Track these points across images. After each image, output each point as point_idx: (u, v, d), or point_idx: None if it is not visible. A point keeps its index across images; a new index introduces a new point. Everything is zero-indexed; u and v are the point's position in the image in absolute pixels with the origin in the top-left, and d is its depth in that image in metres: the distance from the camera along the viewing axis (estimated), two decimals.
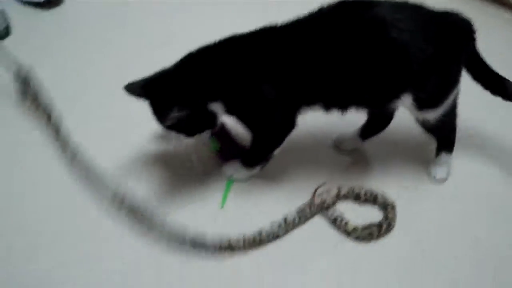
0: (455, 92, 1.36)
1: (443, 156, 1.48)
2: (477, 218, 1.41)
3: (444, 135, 1.47)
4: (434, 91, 1.32)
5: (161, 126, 1.30)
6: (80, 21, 1.88)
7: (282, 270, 1.27)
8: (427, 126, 1.40)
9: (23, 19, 1.82)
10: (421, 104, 1.32)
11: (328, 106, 1.33)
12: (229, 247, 1.28)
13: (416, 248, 1.33)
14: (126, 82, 1.27)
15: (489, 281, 1.28)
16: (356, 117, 1.42)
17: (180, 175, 1.45)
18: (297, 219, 1.33)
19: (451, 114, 1.41)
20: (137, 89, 1.29)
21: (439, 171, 1.48)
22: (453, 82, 1.35)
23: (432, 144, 1.50)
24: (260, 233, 1.30)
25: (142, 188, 1.38)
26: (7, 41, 1.73)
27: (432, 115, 1.36)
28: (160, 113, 1.29)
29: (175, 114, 1.24)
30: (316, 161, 1.48)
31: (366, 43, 1.24)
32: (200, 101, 1.28)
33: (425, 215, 1.41)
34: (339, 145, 1.53)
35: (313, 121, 1.42)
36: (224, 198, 1.40)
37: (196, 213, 1.36)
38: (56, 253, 1.25)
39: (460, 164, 1.53)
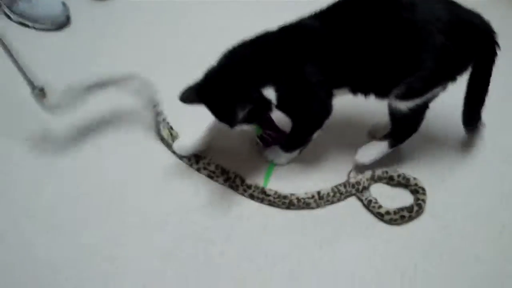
0: (440, 88, 1.38)
1: (384, 144, 1.49)
2: (503, 206, 1.49)
3: (402, 128, 1.48)
4: (427, 81, 1.34)
5: (228, 126, 1.32)
6: (134, 11, 1.95)
7: (314, 248, 1.37)
8: (395, 113, 1.41)
9: (81, 10, 1.90)
10: (408, 92, 1.35)
11: (354, 89, 1.38)
12: (262, 192, 1.42)
13: (443, 232, 1.42)
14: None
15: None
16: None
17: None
18: (331, 194, 1.43)
19: (422, 109, 1.42)
20: (193, 96, 1.30)
21: (367, 156, 1.49)
22: (447, 78, 1.37)
23: (460, 136, 1.58)
24: (292, 194, 1.41)
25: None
26: (67, 30, 1.83)
27: (408, 105, 1.38)
28: (223, 115, 1.31)
29: (239, 114, 1.26)
30: (352, 147, 1.53)
31: (384, 25, 1.28)
32: (256, 92, 1.29)
33: (452, 201, 1.48)
34: (374, 133, 1.58)
35: (350, 109, 1.50)
36: (266, 180, 1.48)
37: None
38: None
39: (488, 158, 1.59)
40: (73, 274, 1.28)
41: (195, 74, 1.30)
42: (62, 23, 1.82)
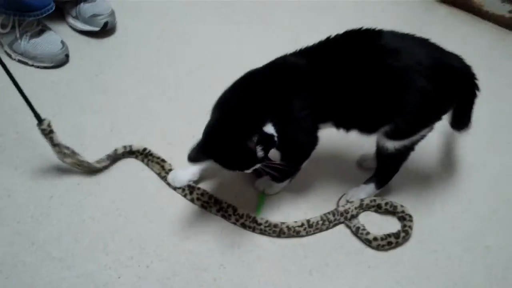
0: (426, 130, 1.44)
1: (370, 186, 1.56)
2: (488, 230, 1.55)
3: (387, 167, 1.54)
4: (412, 124, 1.39)
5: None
6: (131, 49, 2.00)
7: (305, 275, 1.41)
8: (381, 151, 1.47)
9: (80, 48, 1.95)
10: (395, 133, 1.39)
11: (337, 124, 1.43)
12: (253, 221, 1.47)
13: (430, 256, 1.48)
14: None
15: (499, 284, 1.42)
16: None
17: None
18: (320, 222, 1.48)
19: (407, 151, 1.48)
20: (200, 155, 1.32)
21: (356, 195, 1.55)
22: (431, 121, 1.43)
23: (448, 162, 1.64)
24: (282, 223, 1.46)
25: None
26: (66, 67, 1.89)
27: (395, 145, 1.43)
28: (235, 166, 1.31)
29: (258, 152, 1.28)
30: (341, 176, 1.61)
31: (367, 69, 1.32)
32: (259, 129, 1.29)
33: (439, 227, 1.54)
34: (362, 163, 1.65)
35: (338, 140, 1.54)
36: (258, 209, 1.53)
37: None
38: None
39: (474, 183, 1.66)
40: None
41: (195, 108, 1.32)
42: (61, 61, 1.87)
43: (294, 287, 1.39)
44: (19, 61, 1.86)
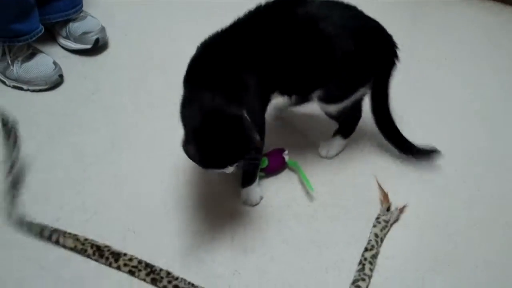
0: (360, 92, 1.49)
1: (338, 138, 1.63)
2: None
3: (345, 123, 1.61)
4: (342, 88, 1.44)
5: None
6: (125, 62, 1.99)
7: (321, 272, 1.39)
8: (329, 115, 1.55)
9: (73, 67, 1.93)
10: (328, 98, 1.46)
11: (282, 92, 1.45)
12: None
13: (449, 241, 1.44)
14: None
15: None
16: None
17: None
18: None
19: (355, 108, 1.54)
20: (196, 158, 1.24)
21: (329, 150, 1.63)
22: (360, 83, 1.47)
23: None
24: None
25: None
26: (61, 88, 1.87)
27: (335, 108, 1.49)
28: (238, 158, 1.25)
29: (255, 136, 1.22)
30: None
31: (299, 36, 1.34)
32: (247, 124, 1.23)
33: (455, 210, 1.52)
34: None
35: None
36: (307, 181, 1.53)
37: None
38: None
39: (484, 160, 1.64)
40: None
41: None
42: (55, 81, 1.85)
43: (311, 286, 1.35)
44: (14, 86, 1.85)
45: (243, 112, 1.22)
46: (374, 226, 1.43)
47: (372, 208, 1.50)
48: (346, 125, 1.62)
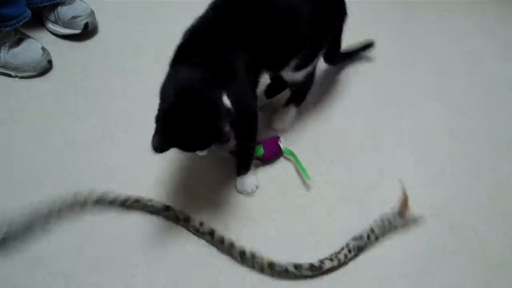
0: (322, 52, 1.55)
1: (291, 108, 1.65)
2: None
3: (301, 90, 1.63)
4: (311, 52, 1.48)
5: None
6: (115, 48, 1.93)
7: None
8: (293, 83, 1.57)
9: (62, 53, 1.88)
10: (300, 65, 1.47)
11: (268, 69, 1.46)
12: None
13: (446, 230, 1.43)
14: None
15: None
16: None
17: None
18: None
19: (311, 73, 1.58)
20: (166, 145, 1.21)
21: (284, 121, 1.64)
22: (326, 40, 1.53)
23: None
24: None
25: None
26: (50, 74, 1.82)
27: (302, 74, 1.52)
28: (209, 143, 1.22)
29: (225, 127, 1.20)
30: None
31: (272, 11, 1.34)
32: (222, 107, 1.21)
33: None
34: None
35: None
36: (303, 169, 1.51)
37: None
38: None
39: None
40: None
41: None
42: (44, 67, 1.81)
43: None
44: (2, 73, 1.80)
45: (220, 96, 1.20)
46: (375, 221, 1.40)
47: (371, 199, 1.49)
48: (300, 93, 1.64)
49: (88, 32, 1.94)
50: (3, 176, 1.53)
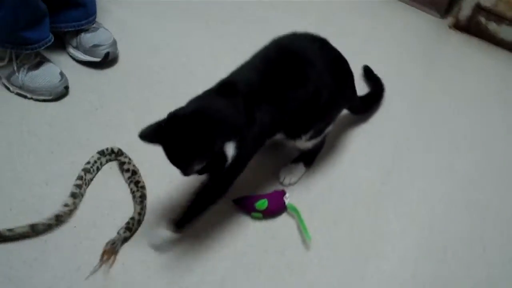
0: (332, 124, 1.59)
1: (300, 166, 1.65)
2: None
3: (310, 153, 1.64)
4: (326, 124, 1.54)
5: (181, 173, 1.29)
6: (133, 81, 1.93)
7: None
8: (303, 150, 1.60)
9: (80, 80, 1.88)
10: (314, 134, 1.52)
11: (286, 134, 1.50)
12: None
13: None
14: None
15: None
16: None
17: None
18: None
19: (323, 140, 1.62)
20: (152, 136, 1.28)
21: (292, 177, 1.64)
22: (339, 112, 1.61)
23: None
24: None
25: None
26: (66, 100, 1.82)
27: (314, 142, 1.56)
28: (179, 163, 1.27)
29: (196, 167, 1.24)
30: None
31: (297, 81, 1.41)
32: (220, 145, 1.26)
33: None
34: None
35: None
36: (305, 228, 1.49)
37: None
38: None
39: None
40: None
41: None
42: (60, 93, 1.81)
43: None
44: (18, 94, 1.81)
45: (221, 144, 1.26)
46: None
47: (368, 268, 1.48)
48: (311, 155, 1.66)
49: (108, 61, 1.95)
50: (3, 199, 1.53)
